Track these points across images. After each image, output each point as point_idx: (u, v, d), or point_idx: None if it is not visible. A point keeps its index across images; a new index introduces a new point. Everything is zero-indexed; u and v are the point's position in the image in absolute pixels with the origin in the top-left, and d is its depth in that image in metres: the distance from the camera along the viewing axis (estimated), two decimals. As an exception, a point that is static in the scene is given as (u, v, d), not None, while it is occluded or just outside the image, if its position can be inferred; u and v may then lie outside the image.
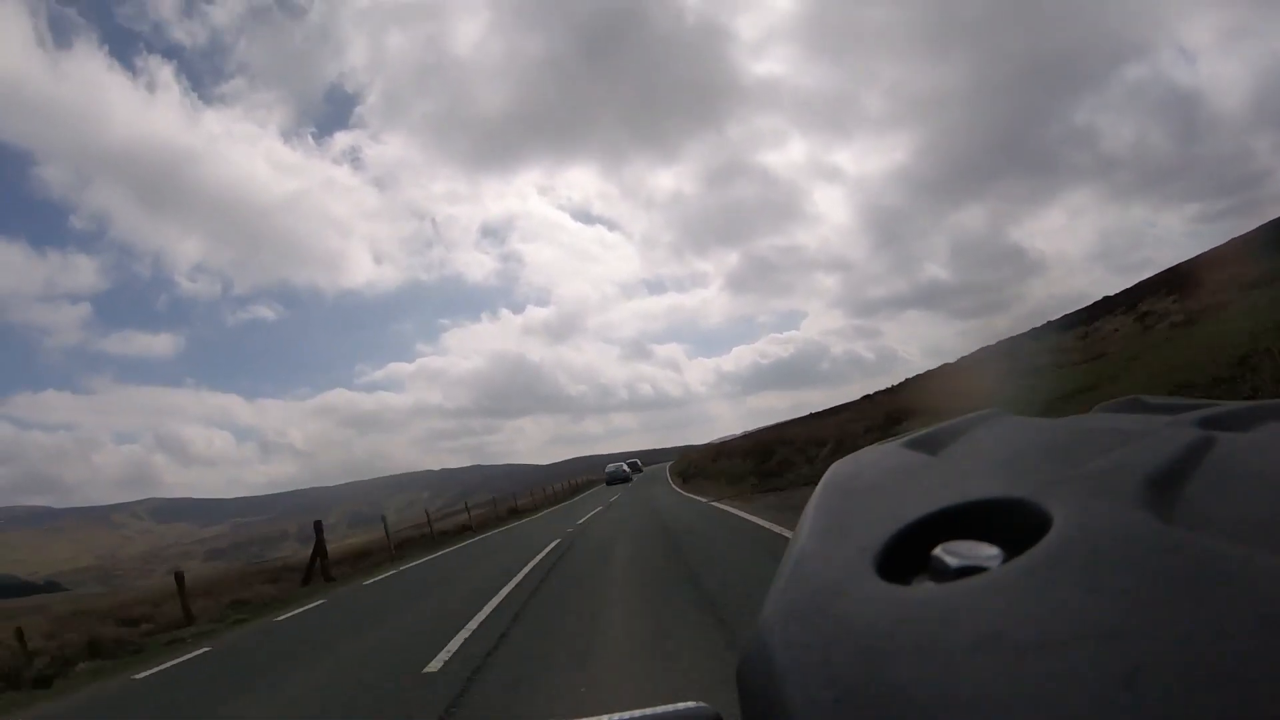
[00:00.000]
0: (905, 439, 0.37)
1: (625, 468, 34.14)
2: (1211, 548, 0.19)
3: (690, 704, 0.35)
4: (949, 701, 0.17)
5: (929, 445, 0.35)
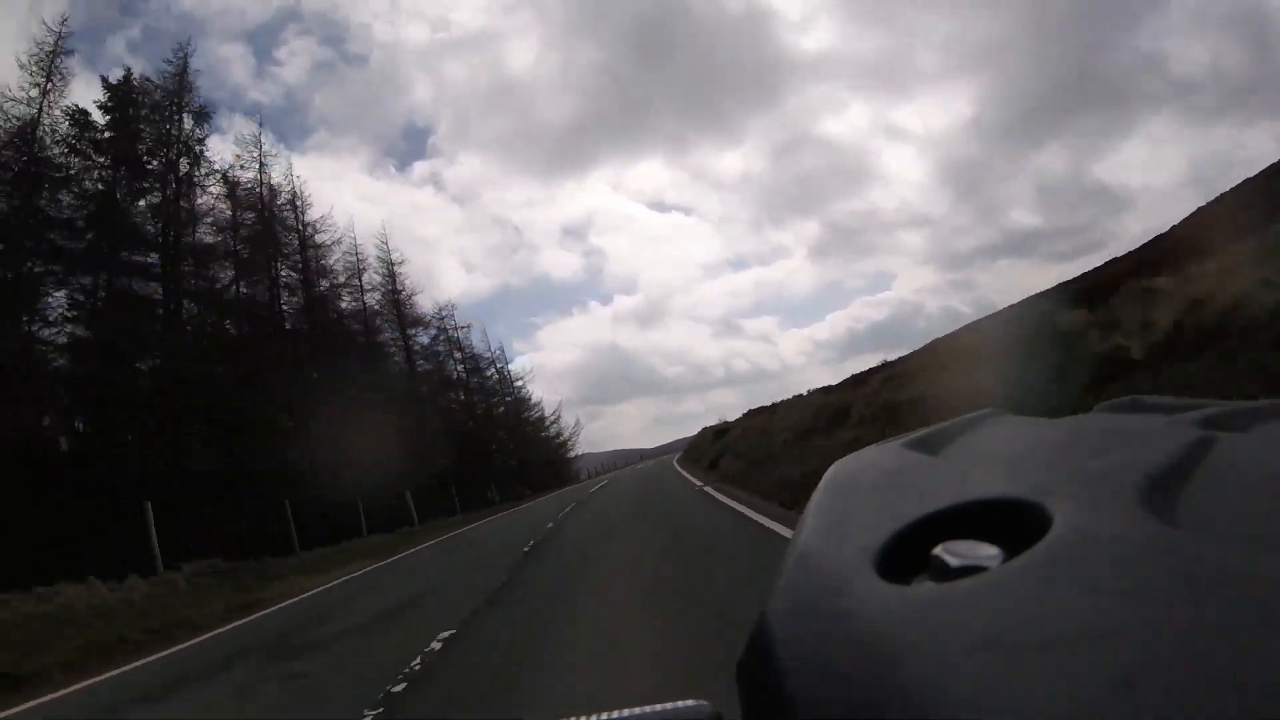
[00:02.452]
0: (905, 439, 0.37)
1: None
2: (1211, 548, 0.19)
3: (690, 702, 0.35)
4: (949, 701, 0.17)
5: (929, 445, 0.35)
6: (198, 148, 19.12)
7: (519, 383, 38.57)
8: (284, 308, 22.25)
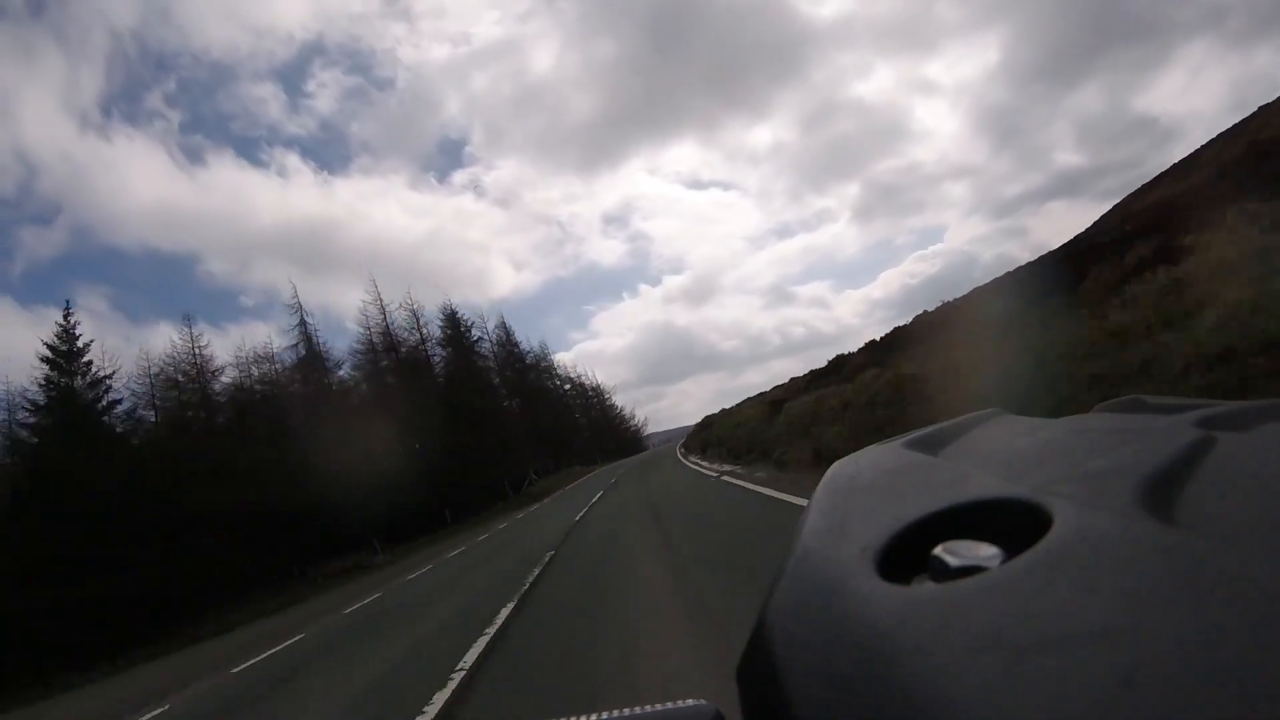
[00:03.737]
0: (905, 439, 0.37)
1: None
2: (1211, 548, 0.19)
3: (690, 702, 0.35)
4: (949, 701, 0.17)
5: (929, 445, 0.35)
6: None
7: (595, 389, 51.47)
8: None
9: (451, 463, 21.73)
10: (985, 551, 0.22)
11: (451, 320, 28.73)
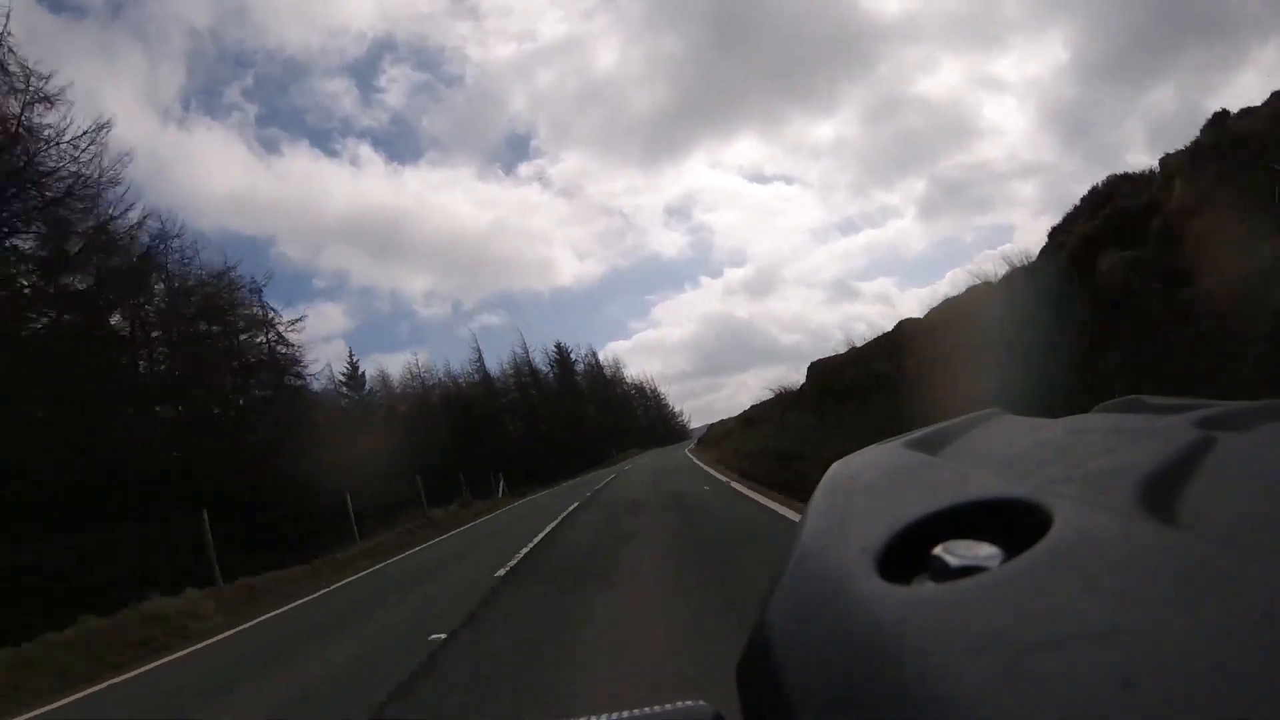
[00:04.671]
0: (905, 438, 0.37)
1: None
2: (1211, 548, 0.19)
3: (689, 703, 0.35)
4: (949, 701, 0.17)
5: (929, 445, 0.35)
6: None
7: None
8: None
9: (565, 441, 36.26)
10: (985, 551, 0.22)
11: (561, 351, 46.54)
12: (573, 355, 47.43)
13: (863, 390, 11.40)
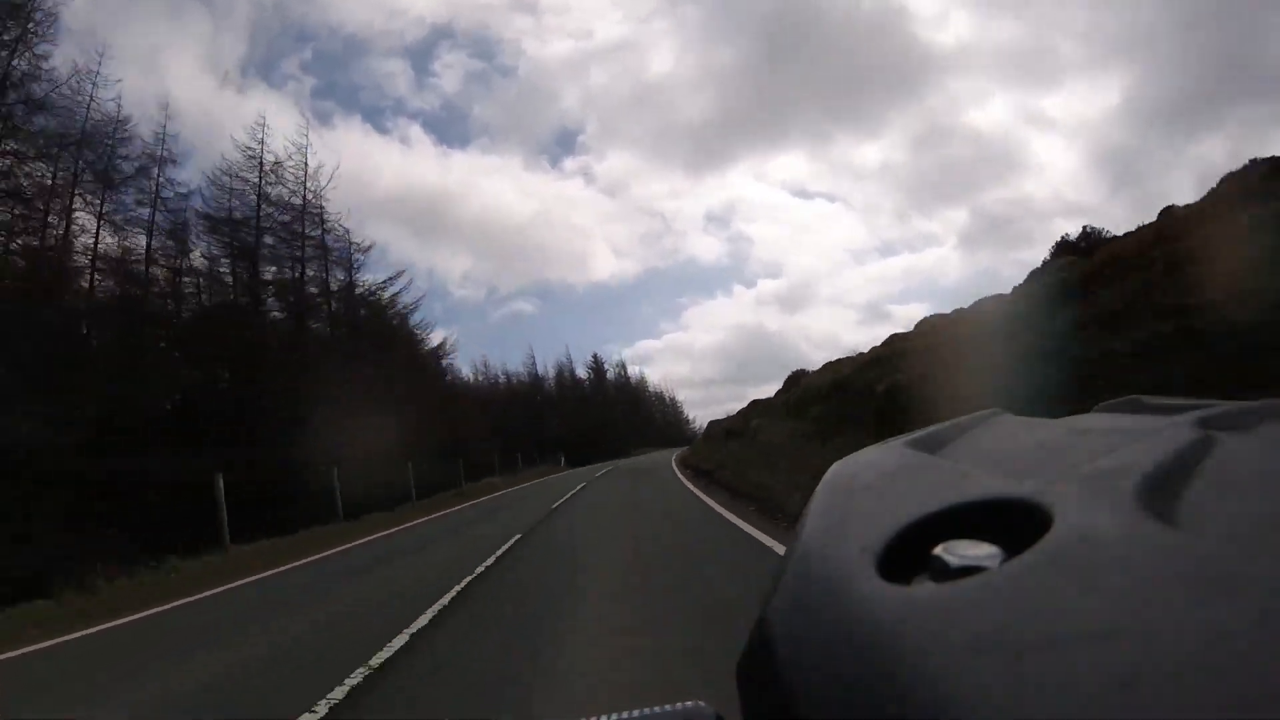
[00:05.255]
0: (906, 438, 0.37)
1: None
2: (1211, 548, 0.19)
3: (689, 703, 0.35)
4: (949, 701, 0.17)
5: (929, 445, 0.35)
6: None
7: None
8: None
9: (596, 436, 44.72)
10: (985, 551, 0.22)
11: (597, 361, 58.84)
12: (605, 365, 59.61)
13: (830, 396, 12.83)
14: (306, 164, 18.99)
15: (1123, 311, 6.30)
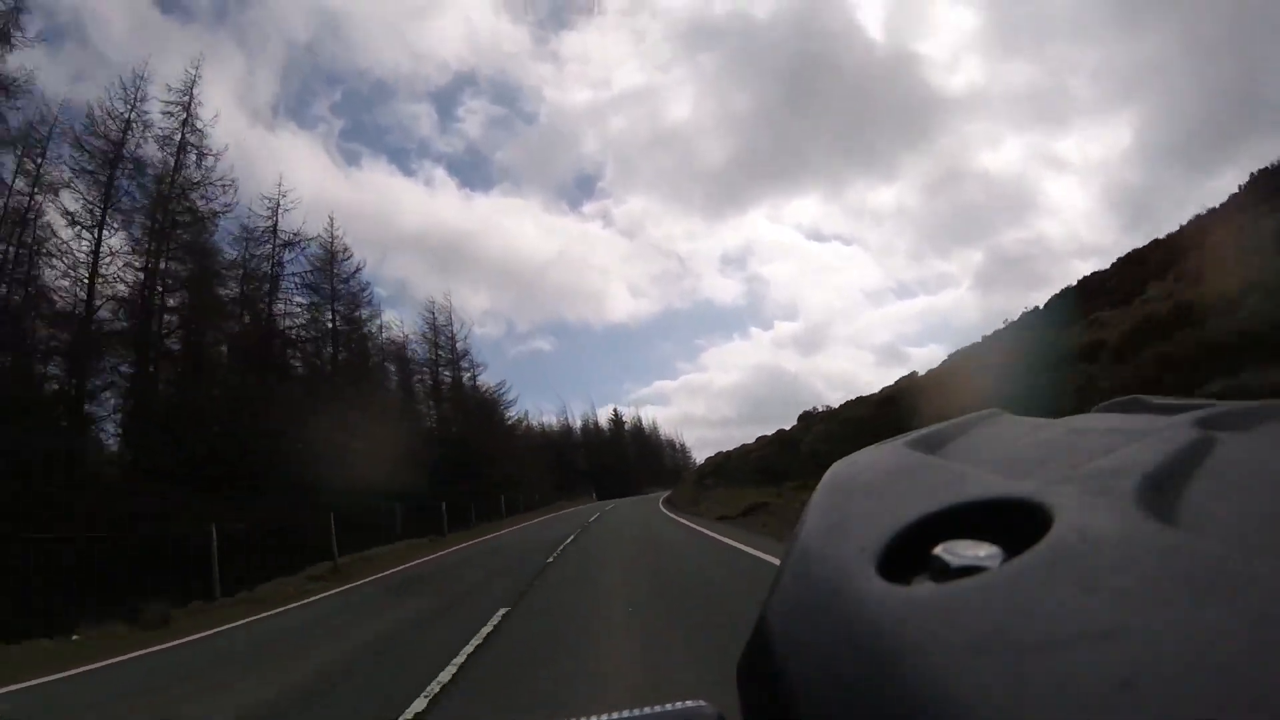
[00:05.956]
0: (906, 438, 0.37)
1: None
2: (1211, 548, 0.19)
3: (690, 703, 0.35)
4: (949, 701, 0.17)
5: (929, 445, 0.35)
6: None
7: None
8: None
9: (613, 475, 55.17)
10: (985, 551, 0.22)
11: (616, 415, 69.01)
12: (623, 417, 70.80)
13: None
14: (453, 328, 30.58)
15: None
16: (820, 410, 20.73)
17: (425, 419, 27.68)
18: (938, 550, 0.23)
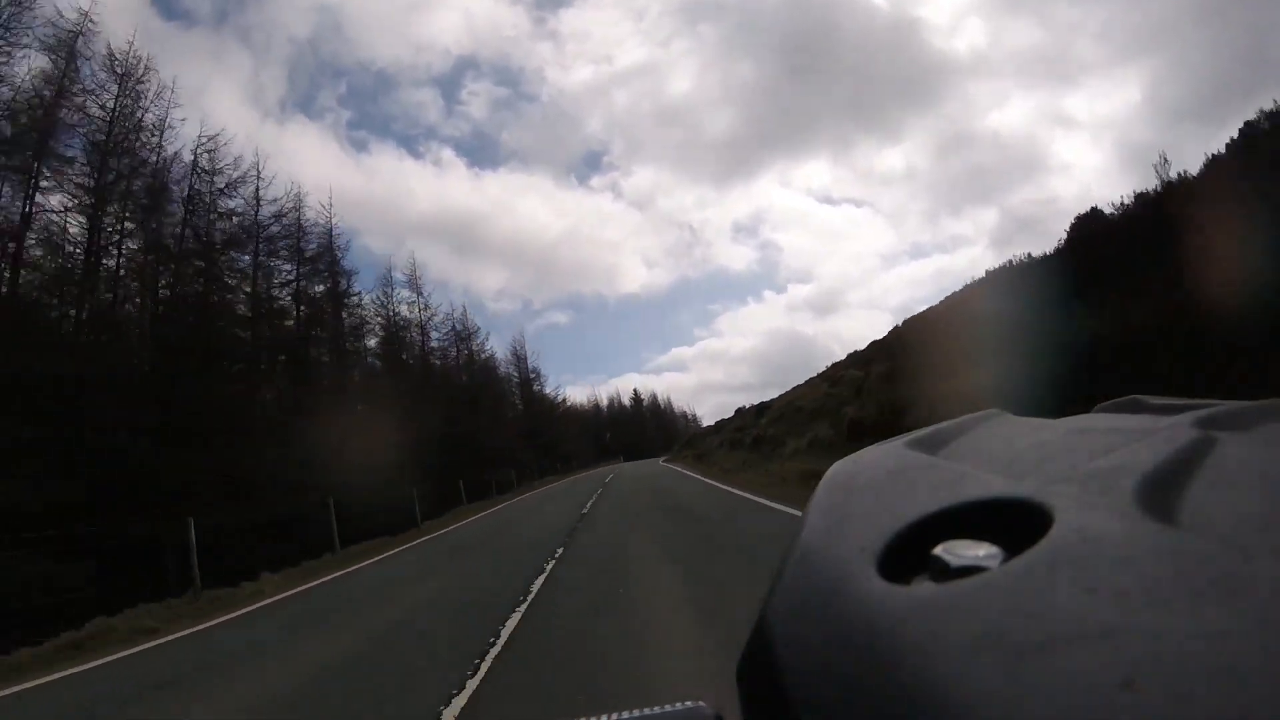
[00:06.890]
0: (906, 438, 0.37)
1: None
2: (1211, 548, 0.19)
3: (690, 704, 0.35)
4: (949, 701, 0.17)
5: (929, 444, 0.35)
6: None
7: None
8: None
9: (635, 444, 65.67)
10: (985, 551, 0.22)
11: (636, 394, 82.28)
12: (641, 396, 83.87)
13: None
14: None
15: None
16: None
17: (513, 412, 40.44)
18: (938, 550, 0.23)
